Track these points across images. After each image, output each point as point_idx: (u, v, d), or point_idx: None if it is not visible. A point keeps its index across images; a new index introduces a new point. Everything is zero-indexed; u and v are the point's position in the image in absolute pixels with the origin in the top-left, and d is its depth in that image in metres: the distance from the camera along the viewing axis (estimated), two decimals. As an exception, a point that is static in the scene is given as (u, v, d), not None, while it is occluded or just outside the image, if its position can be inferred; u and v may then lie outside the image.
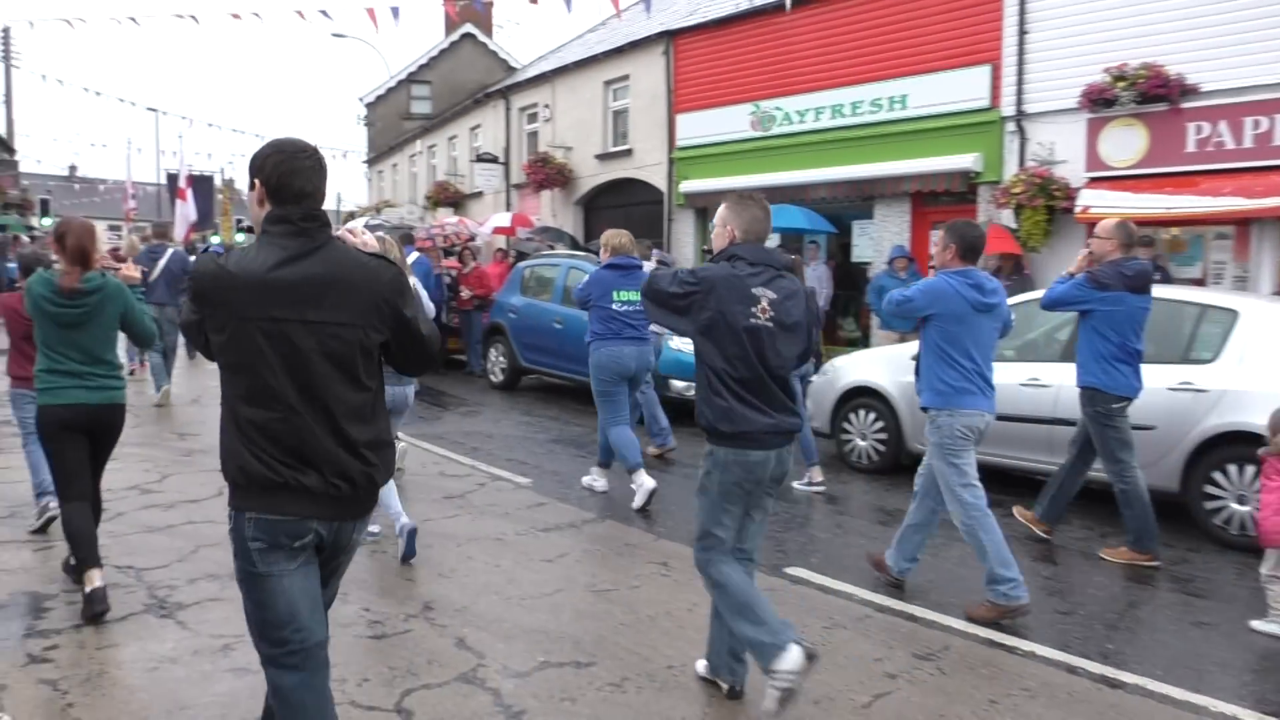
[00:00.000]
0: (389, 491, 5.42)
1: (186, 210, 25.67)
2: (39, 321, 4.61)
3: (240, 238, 31.91)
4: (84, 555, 4.41)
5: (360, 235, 2.71)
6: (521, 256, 15.97)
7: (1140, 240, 7.27)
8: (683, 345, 10.13)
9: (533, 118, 23.65)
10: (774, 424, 3.52)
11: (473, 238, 17.34)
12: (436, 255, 14.30)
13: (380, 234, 5.68)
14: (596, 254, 15.21)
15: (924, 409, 4.90)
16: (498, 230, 21.77)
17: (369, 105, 38.66)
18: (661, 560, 5.57)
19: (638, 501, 6.69)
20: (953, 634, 4.64)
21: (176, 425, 9.27)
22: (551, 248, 17.02)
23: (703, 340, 3.53)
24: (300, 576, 2.47)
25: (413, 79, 35.62)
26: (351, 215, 36.52)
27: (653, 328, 7.93)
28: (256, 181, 2.53)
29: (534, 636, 4.38)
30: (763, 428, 3.51)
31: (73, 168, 74.33)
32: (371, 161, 39.47)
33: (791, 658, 3.28)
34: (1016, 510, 6.43)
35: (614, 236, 7.27)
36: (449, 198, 27.24)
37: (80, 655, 3.84)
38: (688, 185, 17.18)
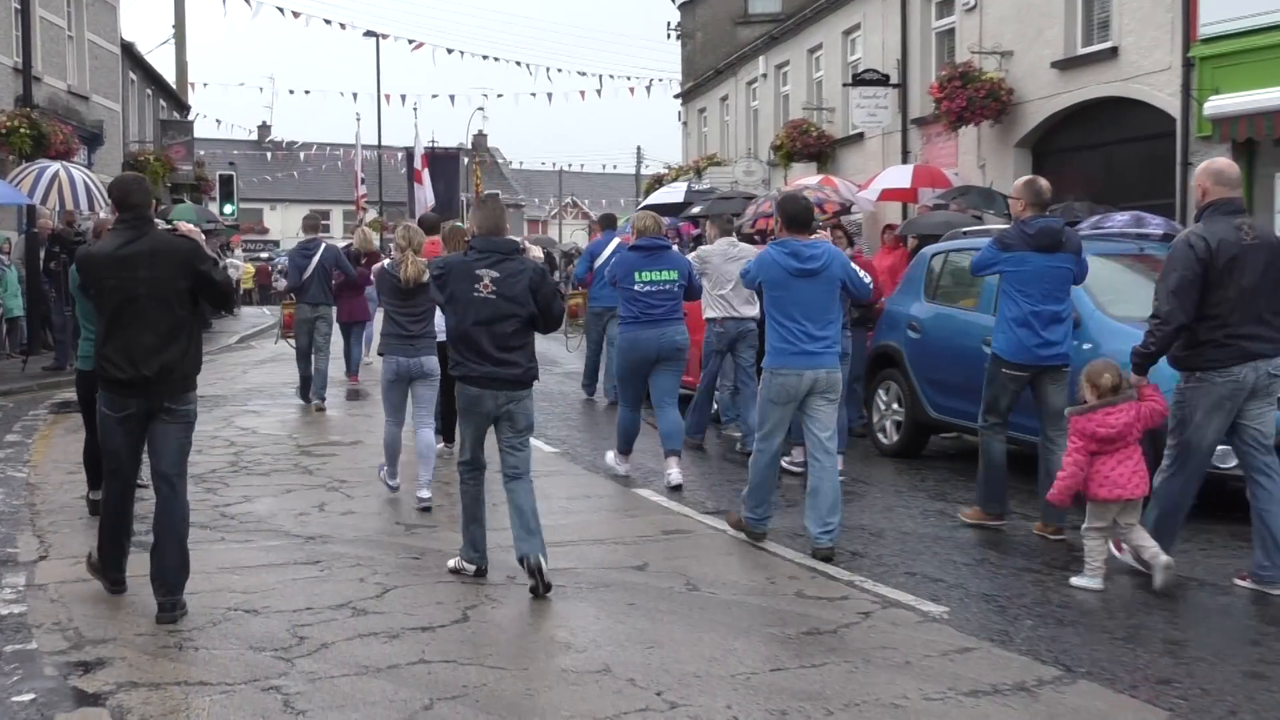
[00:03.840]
0: (392, 458, 10.55)
1: (424, 194, 28.31)
2: (79, 300, 9.05)
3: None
4: (91, 473, 9.72)
5: (192, 229, 7.52)
6: (930, 239, 15.86)
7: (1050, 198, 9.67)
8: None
9: (945, 8, 23.57)
10: (489, 372, 7.67)
11: (847, 208, 17.48)
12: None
13: (406, 223, 11.25)
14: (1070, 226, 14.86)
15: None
16: (888, 195, 21.86)
17: (683, 6, 40.28)
18: (1180, 758, 5.25)
19: (615, 470, 11.58)
20: None
21: (404, 512, 10.10)
22: (979, 219, 16.74)
23: (446, 308, 7.88)
24: (124, 434, 7.02)
25: (751, -41, 36.75)
26: (658, 181, 38.12)
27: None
28: (110, 199, 7.43)
29: None
30: (480, 373, 7.67)
31: (264, 127, 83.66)
32: (687, 94, 41.03)
33: (470, 570, 8.00)
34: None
35: (639, 220, 11.76)
36: (809, 146, 27.73)
37: None
38: (1217, 104, 16.28)
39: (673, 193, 27.96)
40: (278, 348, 24.04)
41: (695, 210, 24.44)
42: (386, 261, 10.53)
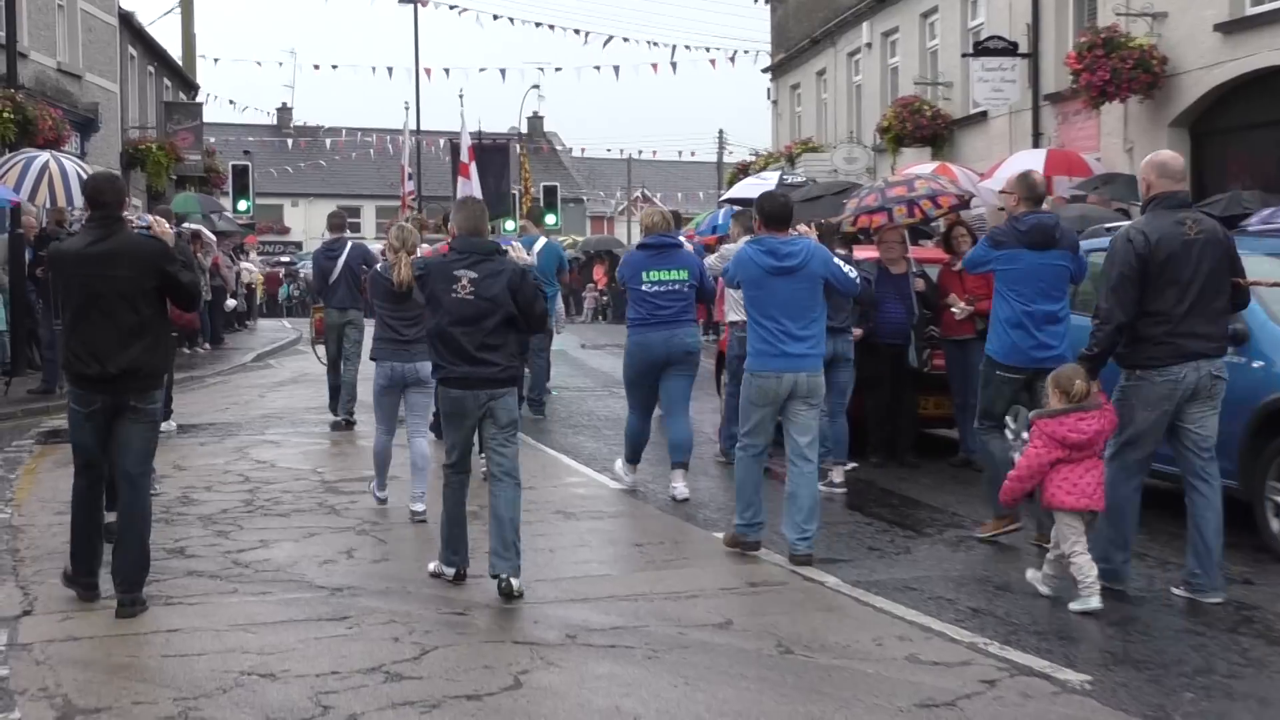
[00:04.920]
0: (381, 470, 11.83)
1: (469, 189, 28.72)
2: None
3: (553, 220, 34.35)
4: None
5: (161, 225, 9.20)
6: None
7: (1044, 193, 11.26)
8: None
9: (1084, -38, 23.40)
10: (467, 372, 8.97)
11: (966, 202, 17.35)
12: (899, 241, 14.44)
13: (403, 222, 12.37)
14: (1236, 220, 14.69)
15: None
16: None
17: (773, -36, 40.25)
18: None
19: (621, 480, 12.96)
20: None
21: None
22: (1124, 214, 16.58)
23: (427, 309, 9.27)
24: (91, 427, 8.57)
25: (852, -92, 36.72)
26: (743, 171, 38.10)
27: None
28: (85, 197, 9.37)
29: None
30: (459, 373, 8.99)
31: (284, 109, 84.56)
32: (778, 68, 41.10)
33: (449, 574, 9.27)
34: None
35: (648, 216, 13.02)
36: (922, 128, 27.62)
37: None
38: None
39: (761, 185, 27.85)
40: (299, 367, 24.29)
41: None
42: (380, 264, 12.02)
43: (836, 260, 10.33)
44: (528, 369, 17.67)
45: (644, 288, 12.37)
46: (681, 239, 13.93)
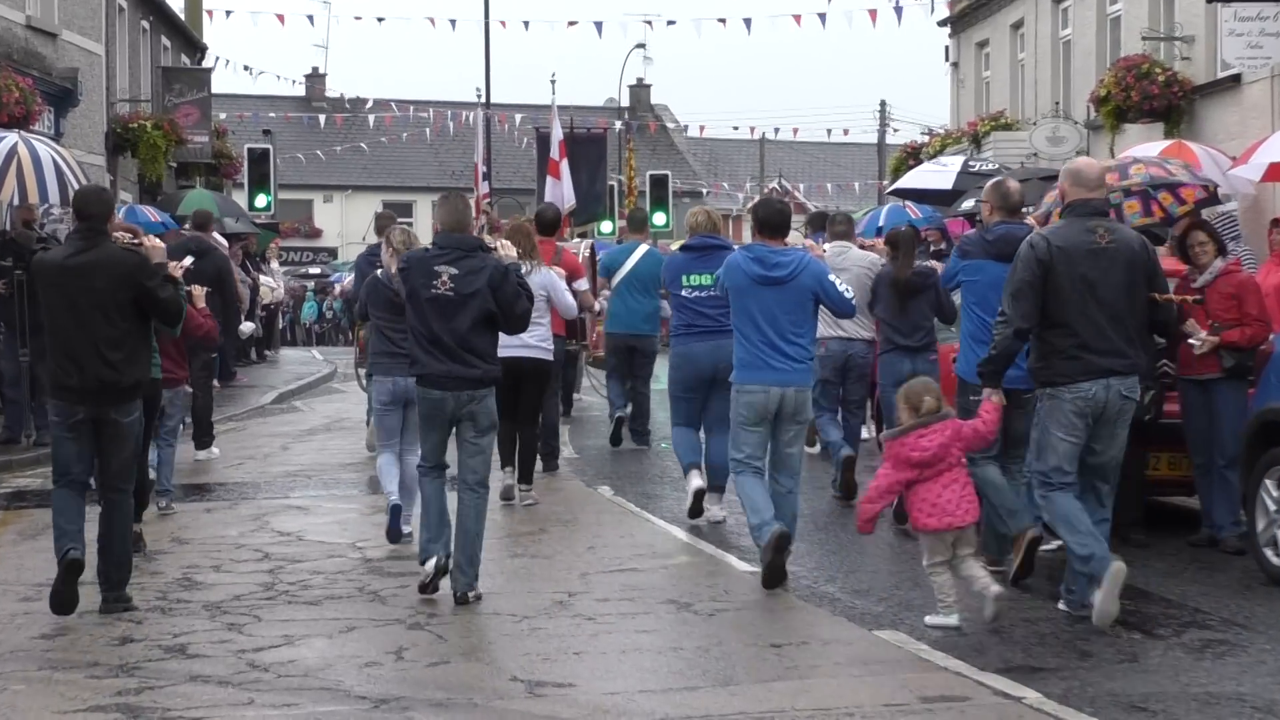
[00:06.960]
0: (390, 476, 14.06)
1: (560, 191, 29.06)
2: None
3: (662, 219, 34.35)
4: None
5: (151, 240, 13.01)
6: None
7: (1021, 201, 13.48)
8: None
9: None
10: (447, 370, 11.58)
11: (1214, 194, 17.23)
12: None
13: (402, 226, 15.49)
14: None
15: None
16: (1279, 172, 21.46)
17: (953, -116, 40.19)
18: None
19: (688, 488, 15.17)
20: None
21: (525, 661, 10.17)
22: None
23: (406, 304, 11.99)
24: (72, 441, 11.45)
25: None
26: (913, 155, 37.96)
27: None
28: (73, 209, 14.12)
29: None
30: (438, 372, 11.62)
31: (315, 76, 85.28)
32: (959, 20, 40.94)
33: (429, 566, 11.79)
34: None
35: (692, 215, 15.45)
36: (1152, 98, 27.32)
37: None
38: None
39: (938, 173, 27.79)
40: (333, 410, 24.52)
41: (968, 205, 24.19)
42: (379, 270, 14.12)
43: (832, 278, 12.51)
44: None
45: (683, 293, 14.80)
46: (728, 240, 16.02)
